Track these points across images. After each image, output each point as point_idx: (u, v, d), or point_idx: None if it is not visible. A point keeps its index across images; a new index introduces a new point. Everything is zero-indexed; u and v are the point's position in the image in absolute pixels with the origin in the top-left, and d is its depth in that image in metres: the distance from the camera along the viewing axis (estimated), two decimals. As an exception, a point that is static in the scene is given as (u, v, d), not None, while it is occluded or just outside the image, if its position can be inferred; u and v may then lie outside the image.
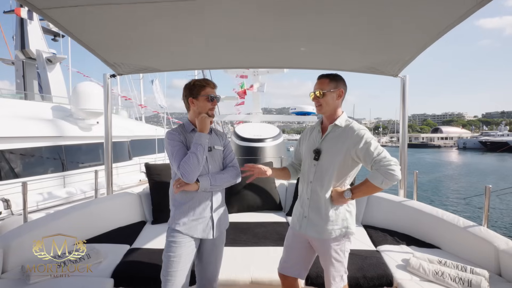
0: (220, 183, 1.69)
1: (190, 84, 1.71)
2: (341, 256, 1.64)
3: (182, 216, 1.66)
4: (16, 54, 9.86)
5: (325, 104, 1.65)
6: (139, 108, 15.16)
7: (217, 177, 1.68)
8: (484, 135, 63.79)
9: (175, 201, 1.70)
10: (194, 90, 1.69)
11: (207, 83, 1.69)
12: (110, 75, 3.08)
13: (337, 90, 1.64)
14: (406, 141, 3.22)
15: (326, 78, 1.65)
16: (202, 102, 1.68)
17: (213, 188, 1.68)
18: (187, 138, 1.69)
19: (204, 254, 1.76)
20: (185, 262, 1.64)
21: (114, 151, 8.85)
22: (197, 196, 1.68)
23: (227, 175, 1.73)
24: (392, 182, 1.49)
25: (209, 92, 1.68)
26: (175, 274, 1.61)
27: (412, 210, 2.77)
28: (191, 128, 1.73)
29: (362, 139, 1.54)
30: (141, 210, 3.14)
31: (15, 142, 5.81)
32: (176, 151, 1.61)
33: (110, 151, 3.21)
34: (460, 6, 1.55)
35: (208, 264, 1.77)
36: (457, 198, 13.74)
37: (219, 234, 1.76)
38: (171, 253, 1.62)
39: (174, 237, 1.64)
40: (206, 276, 1.78)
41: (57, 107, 7.87)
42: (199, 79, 1.73)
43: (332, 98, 1.64)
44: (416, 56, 2.39)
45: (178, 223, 1.65)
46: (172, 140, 1.65)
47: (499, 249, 2.05)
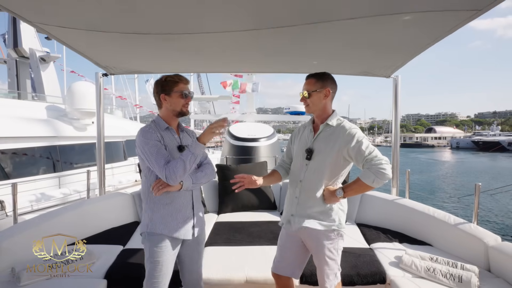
0: (200, 180, 1.67)
1: (161, 80, 1.63)
2: (334, 254, 1.65)
3: (164, 219, 1.59)
4: (8, 53, 9.72)
5: (312, 104, 1.66)
6: (134, 108, 15.07)
7: (197, 175, 1.66)
8: (476, 135, 64.68)
9: (154, 204, 1.61)
10: (166, 86, 1.61)
11: (179, 79, 1.62)
12: (102, 74, 3.07)
13: (324, 90, 1.63)
14: (398, 141, 3.26)
15: (313, 78, 1.66)
16: (175, 99, 1.61)
17: (194, 187, 1.67)
18: (163, 136, 1.61)
19: (187, 254, 1.73)
20: (170, 265, 1.62)
21: (109, 151, 8.78)
22: (178, 197, 1.64)
23: (205, 172, 1.70)
24: (383, 181, 1.50)
25: (182, 88, 1.61)
26: (162, 277, 1.58)
27: (405, 208, 2.81)
28: (165, 126, 1.64)
29: (354, 138, 1.56)
30: (135, 210, 3.12)
31: (8, 142, 5.74)
32: (156, 151, 1.52)
33: (102, 151, 3.18)
34: (451, 19, 1.60)
35: (191, 265, 1.74)
36: (451, 197, 13.91)
37: (200, 232, 1.75)
38: (158, 258, 1.56)
39: (157, 242, 1.57)
40: (192, 276, 1.76)
41: (51, 106, 7.78)
42: (171, 74, 1.64)
43: (319, 98, 1.64)
44: (408, 61, 2.47)
45: (160, 226, 1.58)
46: (149, 139, 1.55)
47: (488, 246, 2.10)
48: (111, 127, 8.38)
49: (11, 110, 6.57)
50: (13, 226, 2.38)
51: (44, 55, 9.48)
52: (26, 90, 9.79)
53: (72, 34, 1.88)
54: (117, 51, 2.33)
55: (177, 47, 2.16)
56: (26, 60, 9.66)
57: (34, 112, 7.07)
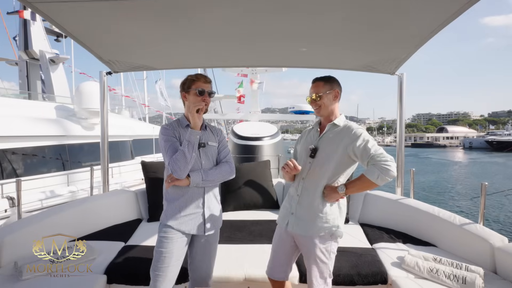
0: (212, 178, 1.68)
1: (184, 80, 1.72)
2: (326, 257, 1.61)
3: (173, 212, 1.66)
4: (19, 55, 9.99)
5: (323, 106, 1.67)
6: (143, 108, 15.24)
7: (209, 172, 1.68)
8: (490, 135, 63.01)
9: (168, 196, 1.70)
10: (185, 85, 1.70)
11: (197, 77, 1.68)
12: (106, 73, 3.10)
13: (333, 91, 1.66)
14: (403, 140, 3.20)
15: (321, 81, 1.67)
16: (192, 96, 1.67)
17: (205, 184, 1.67)
18: (181, 134, 1.69)
19: (198, 252, 1.75)
20: (176, 258, 1.64)
21: (117, 150, 8.90)
22: (189, 192, 1.68)
23: (220, 171, 1.72)
24: (388, 178, 1.48)
25: (199, 86, 1.66)
26: (166, 269, 1.61)
27: (409, 208, 2.75)
28: (185, 124, 1.72)
29: (360, 137, 1.56)
30: (137, 208, 3.15)
31: (19, 141, 5.89)
32: (168, 146, 1.62)
33: (106, 149, 3.21)
34: (453, 4, 1.54)
35: (201, 262, 1.76)
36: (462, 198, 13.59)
37: (212, 232, 1.75)
38: (162, 248, 1.62)
39: (165, 233, 1.65)
40: (199, 274, 1.78)
41: (61, 106, 7.96)
42: (192, 74, 1.72)
43: (329, 99, 1.66)
44: (412, 53, 2.38)
45: (170, 219, 1.66)
46: (165, 135, 1.65)
47: (494, 247, 2.03)
48: (118, 127, 8.52)
49: (22, 110, 6.75)
50: (17, 222, 2.44)
51: (54, 57, 9.73)
52: (37, 90, 10.05)
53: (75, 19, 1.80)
54: (121, 43, 2.28)
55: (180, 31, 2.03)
56: (37, 62, 9.92)
57: (44, 112, 7.26)
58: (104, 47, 2.38)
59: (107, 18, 1.79)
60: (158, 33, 2.05)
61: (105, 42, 2.28)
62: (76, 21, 1.86)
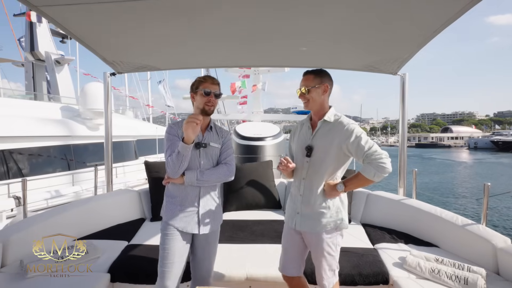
0: (207, 179, 1.69)
1: (194, 81, 1.77)
2: (333, 250, 1.65)
3: (171, 209, 1.71)
4: (25, 56, 10.12)
5: (311, 100, 1.66)
6: (147, 108, 15.33)
7: (205, 172, 1.69)
8: (496, 135, 62.26)
9: (167, 192, 1.77)
10: (194, 85, 1.74)
11: (205, 78, 1.72)
12: (110, 74, 3.13)
13: (322, 85, 1.65)
14: (405, 140, 3.19)
15: (311, 74, 1.67)
16: (199, 97, 1.70)
17: (200, 184, 1.68)
18: None
19: (198, 250, 1.78)
20: (179, 255, 1.68)
21: (121, 150, 8.95)
22: (184, 191, 1.71)
23: (216, 172, 1.72)
24: (384, 175, 1.52)
25: (205, 86, 1.69)
26: (171, 266, 1.65)
27: (411, 209, 2.74)
28: None
29: (353, 134, 1.57)
30: (141, 207, 3.18)
31: (25, 141, 5.96)
32: (168, 145, 1.67)
33: (110, 149, 3.25)
34: (456, 3, 1.54)
35: (201, 260, 1.79)
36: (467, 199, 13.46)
37: (211, 232, 1.77)
38: (165, 245, 1.68)
39: (166, 230, 1.70)
40: (200, 272, 1.81)
41: (66, 107, 8.04)
42: (201, 76, 1.77)
43: (317, 93, 1.65)
44: (415, 53, 2.36)
45: (168, 216, 1.71)
46: (169, 133, 1.70)
47: (497, 247, 2.03)
48: (122, 127, 8.59)
49: (28, 110, 6.83)
50: (22, 221, 2.47)
51: (59, 58, 9.83)
52: (42, 91, 10.16)
53: (78, 20, 1.82)
54: (125, 44, 2.30)
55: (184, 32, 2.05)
56: (42, 63, 10.03)
57: (49, 112, 7.34)
58: (108, 48, 2.41)
59: (111, 19, 1.81)
60: (161, 33, 2.07)
61: (108, 43, 2.31)
62: (80, 23, 1.89)
